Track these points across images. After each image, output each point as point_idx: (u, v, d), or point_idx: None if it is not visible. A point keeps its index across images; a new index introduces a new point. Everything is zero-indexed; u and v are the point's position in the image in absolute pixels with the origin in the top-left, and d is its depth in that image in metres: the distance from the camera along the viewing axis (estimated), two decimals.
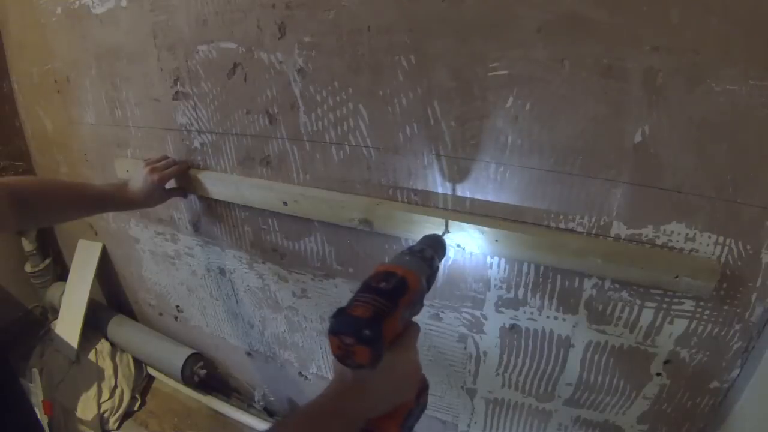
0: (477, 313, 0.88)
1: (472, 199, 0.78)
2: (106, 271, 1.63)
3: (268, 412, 1.43)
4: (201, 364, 1.43)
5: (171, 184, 1.04)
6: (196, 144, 1.06)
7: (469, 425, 1.04)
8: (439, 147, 0.76)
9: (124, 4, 1.02)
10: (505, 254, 0.78)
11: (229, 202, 1.07)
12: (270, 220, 1.04)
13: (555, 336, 0.82)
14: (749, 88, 0.55)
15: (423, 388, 0.57)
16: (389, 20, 0.71)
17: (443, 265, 0.86)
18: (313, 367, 1.22)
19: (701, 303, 0.69)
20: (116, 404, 1.46)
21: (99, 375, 1.49)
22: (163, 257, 1.36)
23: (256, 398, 1.42)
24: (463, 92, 0.71)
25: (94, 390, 1.44)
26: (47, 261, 1.73)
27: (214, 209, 1.13)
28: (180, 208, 1.20)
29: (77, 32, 1.15)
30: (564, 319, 0.80)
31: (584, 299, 0.77)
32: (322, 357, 1.18)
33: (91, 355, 1.53)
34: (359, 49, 0.76)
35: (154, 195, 1.00)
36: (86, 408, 1.41)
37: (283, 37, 0.82)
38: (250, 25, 0.84)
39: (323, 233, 0.97)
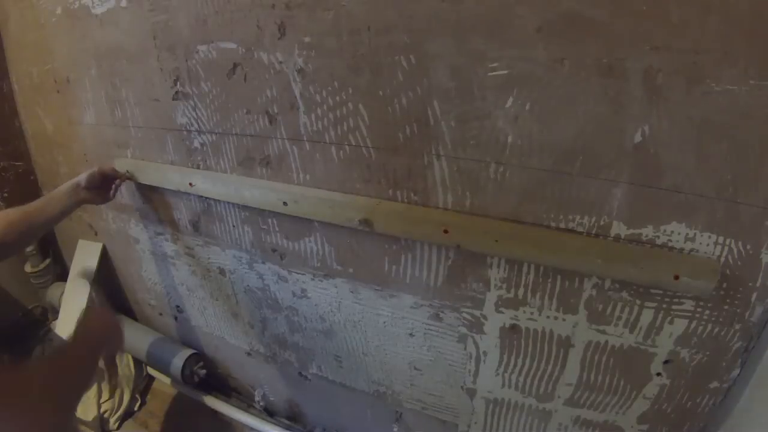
0: (477, 313, 0.88)
1: (472, 199, 0.78)
2: (106, 271, 1.63)
3: (268, 412, 1.43)
4: (201, 364, 1.43)
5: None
6: (196, 144, 1.06)
7: (469, 425, 1.04)
8: (439, 147, 0.76)
9: (123, 4, 1.02)
10: (505, 254, 0.78)
11: (229, 202, 1.07)
12: (270, 220, 1.04)
13: (555, 336, 0.82)
14: (749, 88, 0.55)
15: None
16: (389, 20, 0.71)
17: (443, 265, 0.86)
18: (314, 367, 1.22)
19: (701, 303, 0.69)
20: (116, 404, 1.45)
21: (99, 375, 1.48)
22: (163, 257, 1.36)
23: (256, 398, 1.42)
24: (463, 92, 0.71)
25: (94, 390, 1.44)
26: (47, 261, 1.73)
27: (214, 209, 1.13)
28: (180, 208, 1.20)
29: (77, 32, 1.15)
30: (564, 319, 0.80)
31: (584, 299, 0.77)
32: (323, 357, 1.18)
33: None
34: (359, 49, 0.76)
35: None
36: (86, 408, 1.40)
37: (283, 37, 0.82)
38: (250, 25, 0.84)
39: (323, 233, 0.97)
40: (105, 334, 0.79)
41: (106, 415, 1.43)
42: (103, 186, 1.11)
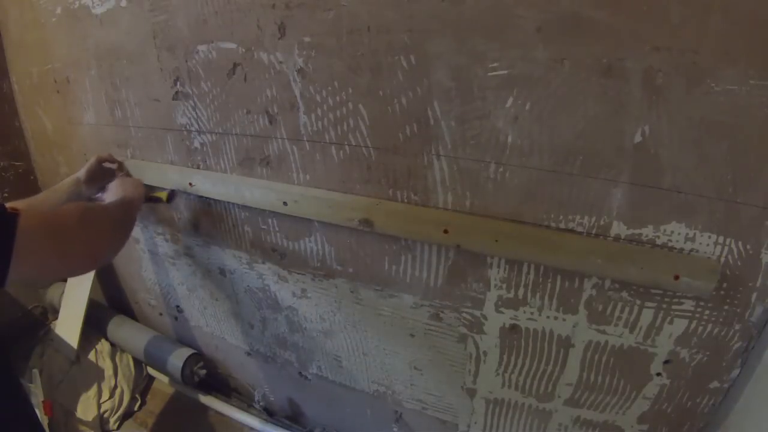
0: (477, 313, 0.88)
1: (472, 199, 0.78)
2: (106, 271, 1.63)
3: (268, 412, 1.43)
4: (201, 364, 1.43)
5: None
6: (196, 144, 1.06)
7: (469, 425, 1.04)
8: (439, 147, 0.76)
9: (123, 4, 1.02)
10: (505, 254, 0.78)
11: (229, 202, 1.07)
12: (270, 220, 1.04)
13: (555, 336, 0.82)
14: (749, 88, 0.55)
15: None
16: (389, 20, 0.71)
17: (443, 265, 0.86)
18: (314, 367, 1.22)
19: (701, 303, 0.69)
20: (116, 404, 1.45)
21: (99, 375, 1.48)
22: (163, 257, 1.36)
23: (256, 398, 1.42)
24: (463, 92, 0.71)
25: (94, 390, 1.44)
26: None
27: (214, 209, 1.13)
28: (180, 209, 1.20)
29: (77, 32, 1.15)
30: (564, 319, 0.80)
31: (584, 299, 0.76)
32: (323, 357, 1.18)
33: (91, 355, 1.53)
34: (359, 49, 0.76)
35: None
36: (86, 408, 1.40)
37: (283, 37, 0.82)
38: (250, 25, 0.84)
39: (323, 233, 0.97)
40: (135, 193, 1.00)
41: (106, 415, 1.43)
42: (103, 179, 1.11)
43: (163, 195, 1.14)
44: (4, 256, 0.51)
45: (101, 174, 1.11)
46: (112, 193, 0.99)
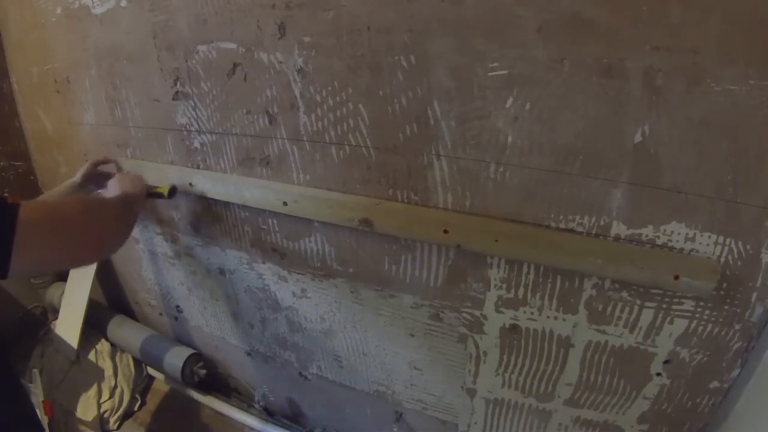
0: (477, 313, 0.88)
1: (472, 199, 0.78)
2: (106, 271, 1.63)
3: (268, 412, 1.43)
4: (201, 364, 1.43)
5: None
6: (196, 144, 1.06)
7: (469, 425, 1.04)
8: (439, 147, 0.76)
9: (123, 4, 1.02)
10: (505, 254, 0.78)
11: (229, 202, 1.07)
12: (270, 220, 1.04)
13: (555, 336, 0.82)
14: (749, 88, 0.55)
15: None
16: (389, 20, 0.71)
17: (443, 265, 0.86)
18: (314, 367, 1.22)
19: (701, 303, 0.69)
20: (116, 404, 1.46)
21: (99, 375, 1.48)
22: (163, 257, 1.36)
23: (256, 398, 1.42)
24: (463, 92, 0.71)
25: (94, 390, 1.44)
26: None
27: (214, 209, 1.13)
28: (180, 209, 1.20)
29: (77, 32, 1.15)
30: (564, 319, 0.80)
31: (584, 299, 0.76)
32: (323, 357, 1.18)
33: (91, 355, 1.53)
34: (359, 49, 0.76)
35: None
36: (86, 408, 1.40)
37: (283, 37, 0.82)
38: (250, 25, 0.84)
39: (323, 233, 0.97)
40: (135, 188, 1.00)
41: (106, 415, 1.43)
42: (100, 181, 1.11)
43: (164, 189, 1.13)
44: (5, 246, 0.51)
45: (97, 177, 1.11)
46: (111, 190, 0.98)
